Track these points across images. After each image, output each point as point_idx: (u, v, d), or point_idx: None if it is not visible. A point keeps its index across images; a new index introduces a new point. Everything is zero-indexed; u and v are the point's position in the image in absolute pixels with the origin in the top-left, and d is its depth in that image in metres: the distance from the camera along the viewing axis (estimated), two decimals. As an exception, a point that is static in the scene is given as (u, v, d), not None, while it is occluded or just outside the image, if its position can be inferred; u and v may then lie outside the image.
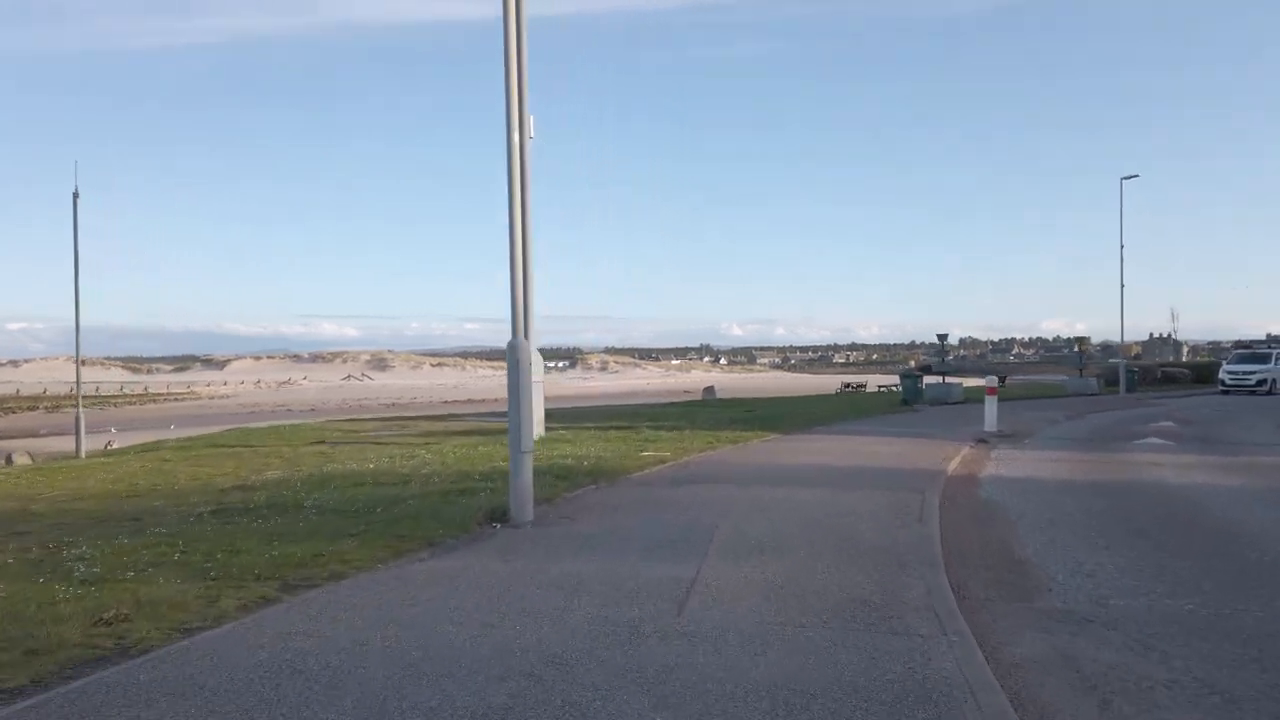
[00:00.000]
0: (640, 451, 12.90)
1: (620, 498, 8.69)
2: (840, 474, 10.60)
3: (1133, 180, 38.40)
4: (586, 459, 11.74)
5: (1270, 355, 39.42)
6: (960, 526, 7.54)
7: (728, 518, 7.37)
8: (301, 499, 8.74)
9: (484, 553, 6.09)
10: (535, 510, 7.80)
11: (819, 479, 10.07)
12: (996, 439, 16.56)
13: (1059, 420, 22.49)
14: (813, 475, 10.44)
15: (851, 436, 16.27)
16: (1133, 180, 38.40)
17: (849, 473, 10.75)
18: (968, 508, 8.62)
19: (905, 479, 10.22)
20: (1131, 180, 38.02)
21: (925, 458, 12.80)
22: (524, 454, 7.35)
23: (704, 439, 15.15)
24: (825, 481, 9.84)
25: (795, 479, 10.01)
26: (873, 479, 10.15)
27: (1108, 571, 5.87)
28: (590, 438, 15.51)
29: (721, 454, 13.07)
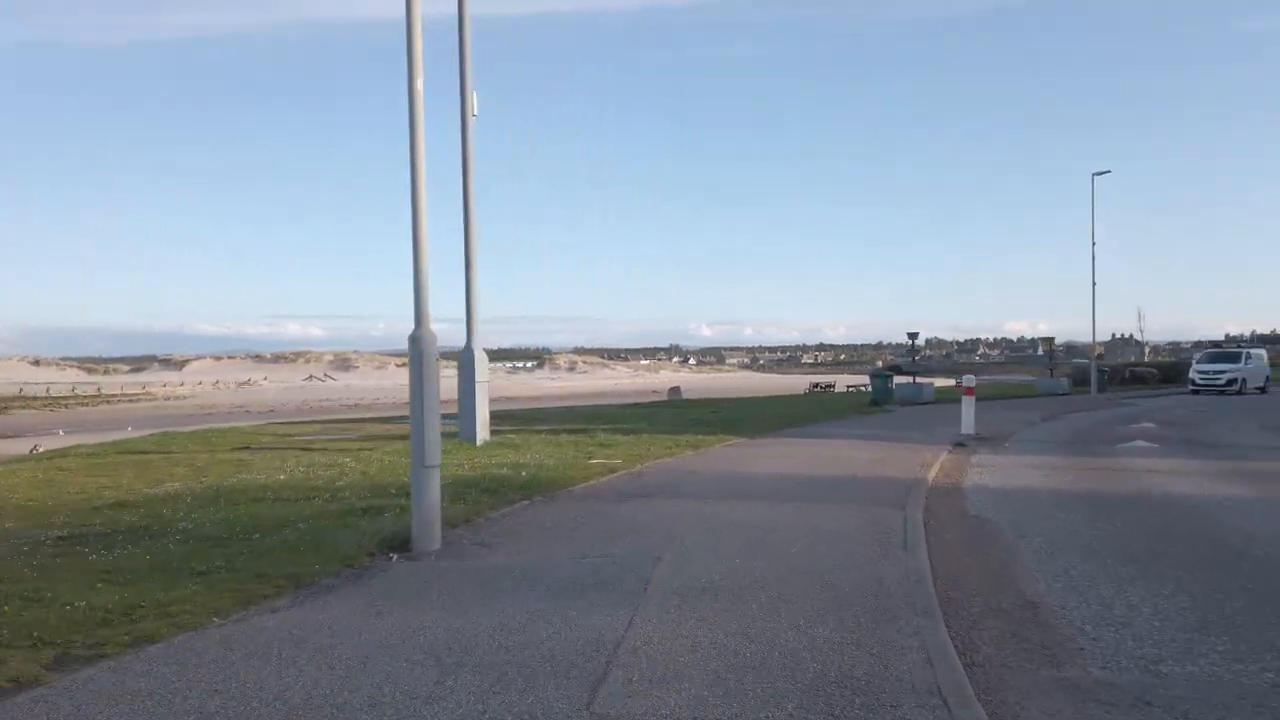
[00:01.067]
0: (589, 459, 11.62)
1: (555, 517, 7.40)
2: (809, 485, 9.39)
3: (1103, 176, 37.78)
4: (527, 468, 10.44)
5: (1240, 355, 39.10)
6: (953, 553, 6.35)
7: (676, 545, 6.12)
8: (178, 520, 7.36)
9: (358, 600, 4.78)
10: (447, 535, 6.50)
11: (785, 492, 8.85)
12: (975, 442, 15.49)
13: (1035, 422, 21.54)
14: (778, 487, 9.23)
15: (821, 440, 15.11)
16: (1103, 176, 37.78)
17: (819, 484, 9.55)
18: (957, 526, 7.44)
19: (882, 490, 9.05)
20: (1103, 176, 37.38)
21: (902, 464, 11.65)
22: (428, 469, 6.04)
23: (663, 444, 13.91)
24: (792, 495, 8.62)
25: (759, 492, 8.78)
26: (846, 491, 8.95)
27: (1144, 617, 4.69)
28: (539, 442, 14.21)
29: (680, 461, 11.83)
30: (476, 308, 14.67)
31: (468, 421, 14.30)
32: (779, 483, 9.60)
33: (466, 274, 14.56)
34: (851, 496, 8.58)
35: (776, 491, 8.87)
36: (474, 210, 14.57)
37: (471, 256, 14.58)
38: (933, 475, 10.84)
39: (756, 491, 8.85)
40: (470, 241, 14.55)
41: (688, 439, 14.71)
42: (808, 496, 8.51)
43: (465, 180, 14.52)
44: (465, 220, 14.53)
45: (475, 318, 14.67)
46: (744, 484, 9.50)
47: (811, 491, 8.87)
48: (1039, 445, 15.23)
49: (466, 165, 14.53)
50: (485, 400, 14.64)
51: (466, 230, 14.54)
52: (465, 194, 14.53)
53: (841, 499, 8.39)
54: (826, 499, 8.37)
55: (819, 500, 8.27)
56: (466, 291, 14.60)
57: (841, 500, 8.30)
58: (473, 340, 14.56)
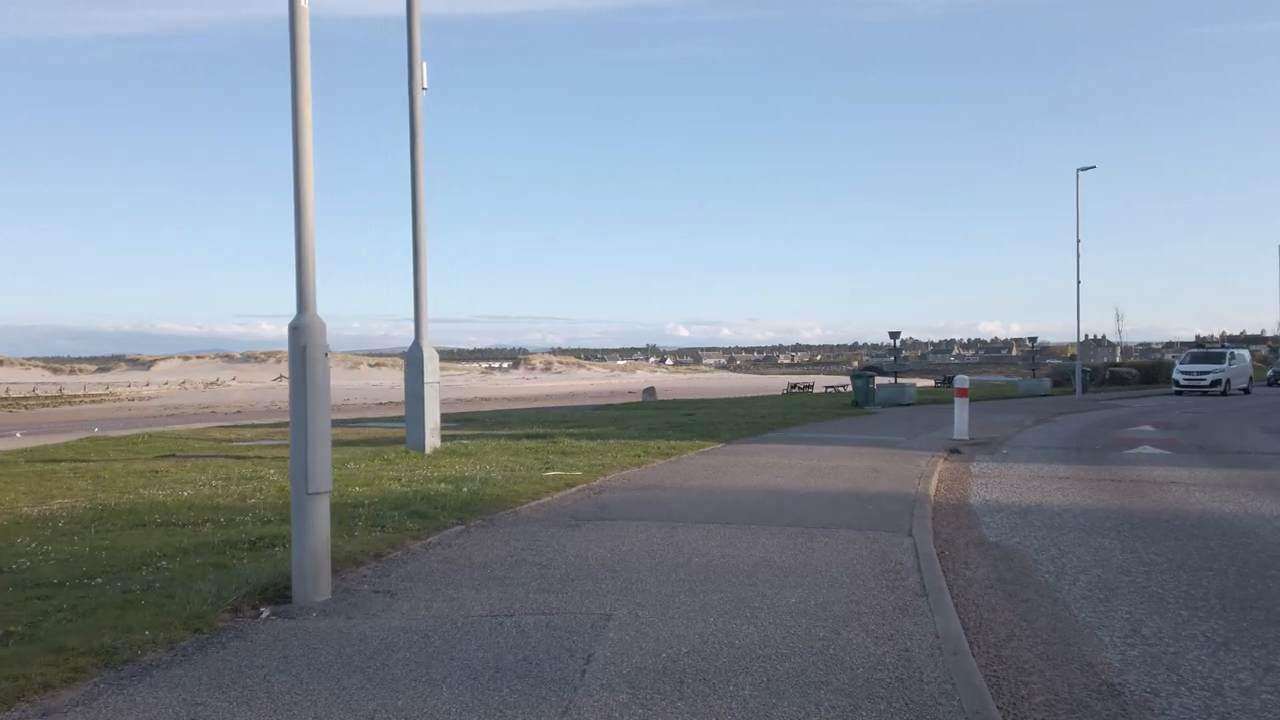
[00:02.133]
0: (547, 469, 10.25)
1: (488, 550, 6.03)
2: (797, 503, 8.08)
3: (1088, 172, 36.87)
4: (472, 482, 9.06)
5: (1224, 355, 38.39)
6: (984, 600, 5.05)
7: (633, 595, 4.77)
8: (22, 553, 5.93)
9: (176, 696, 3.38)
10: (347, 576, 5.13)
11: (770, 512, 7.53)
12: (969, 448, 14.28)
13: (1027, 425, 20.43)
14: (762, 505, 7.91)
15: (805, 446, 13.83)
16: (1088, 172, 36.87)
17: (808, 501, 8.24)
18: (979, 561, 6.15)
19: (882, 509, 7.75)
20: (1088, 172, 36.49)
21: (897, 475, 10.38)
22: (313, 498, 4.65)
23: (631, 451, 12.57)
24: (778, 516, 7.30)
25: (738, 513, 7.46)
26: (841, 511, 7.65)
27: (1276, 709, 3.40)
28: (494, 450, 12.82)
29: (648, 472, 10.49)
30: (426, 301, 13.27)
31: (415, 427, 12.89)
32: (762, 500, 8.28)
33: (415, 263, 13.16)
34: (848, 518, 7.28)
35: (759, 512, 7.55)
36: (423, 192, 13.17)
37: (420, 243, 13.17)
38: (934, 489, 9.58)
39: (736, 512, 7.53)
40: (419, 227, 13.14)
41: (659, 445, 13.38)
42: (797, 519, 7.20)
43: (414, 159, 13.12)
44: (414, 203, 13.12)
45: (425, 312, 13.27)
46: (721, 502, 8.17)
47: (800, 511, 7.57)
48: (1039, 452, 14.04)
49: (415, 143, 13.12)
50: (436, 403, 13.23)
51: (415, 214, 13.13)
52: (414, 174, 13.12)
53: (836, 522, 7.08)
54: (819, 522, 7.06)
55: (810, 524, 6.97)
56: (415, 283, 13.19)
57: (837, 524, 6.99)
58: (421, 337, 13.16)
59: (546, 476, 9.62)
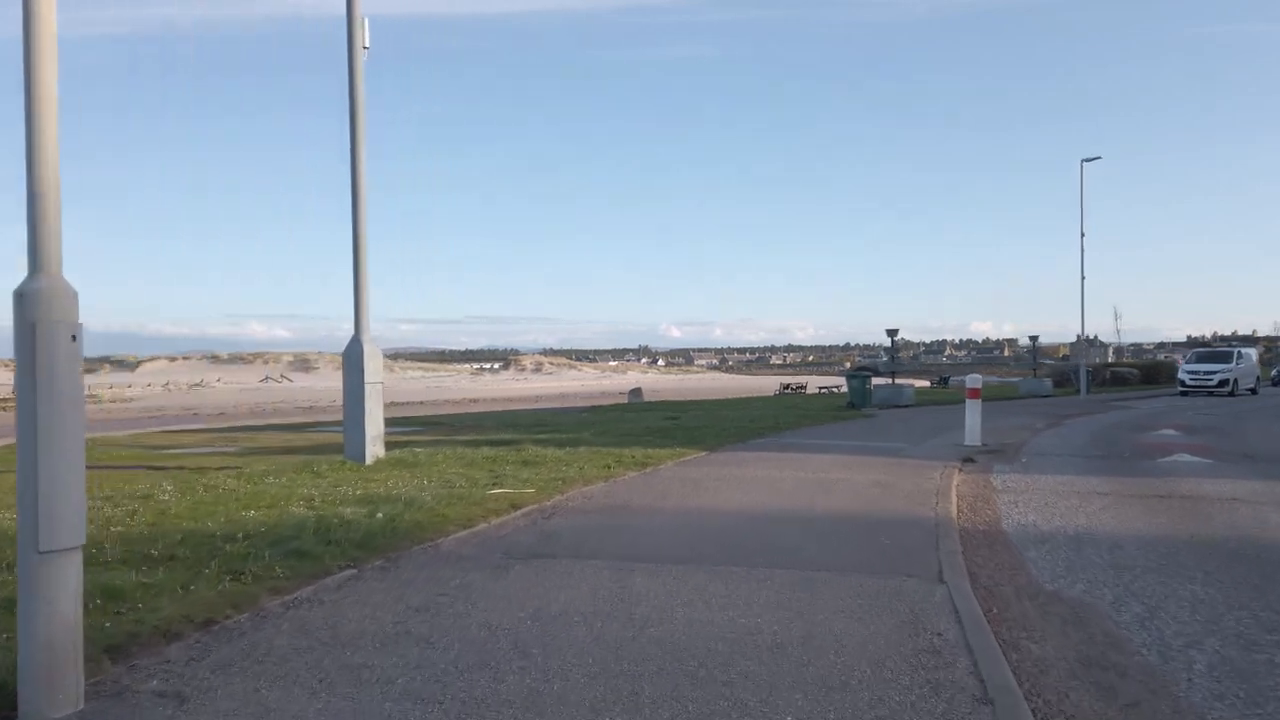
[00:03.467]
0: (495, 485, 8.60)
1: (366, 613, 4.39)
2: (792, 531, 6.47)
3: (1092, 163, 35.38)
4: (395, 503, 7.41)
5: (1231, 355, 36.99)
6: (1077, 712, 3.43)
7: (540, 714, 3.15)
8: None
9: None
10: (133, 665, 3.49)
11: (757, 546, 5.91)
12: (984, 456, 12.70)
13: (1039, 428, 18.85)
14: (747, 536, 6.29)
15: (800, 455, 12.22)
16: (1092, 163, 35.38)
17: (805, 527, 6.63)
18: (1043, 625, 4.52)
19: (899, 540, 6.15)
20: (1092, 163, 35.01)
21: (909, 491, 8.78)
22: (49, 558, 3.00)
23: (603, 460, 10.94)
24: (768, 552, 5.68)
25: (718, 547, 5.84)
26: (847, 542, 6.04)
27: None
28: (445, 460, 11.17)
29: (615, 488, 8.86)
30: (367, 290, 11.61)
31: (354, 434, 11.22)
32: (749, 526, 6.66)
33: (355, 246, 11.50)
34: (857, 555, 5.66)
35: (745, 545, 5.93)
36: (364, 166, 11.51)
37: (361, 225, 11.52)
38: (955, 509, 7.97)
39: (715, 545, 5.91)
40: (359, 206, 11.49)
41: (635, 453, 11.76)
42: (792, 555, 5.59)
43: (354, 130, 11.45)
44: (353, 179, 11.47)
45: (365, 303, 11.60)
46: (698, 530, 6.55)
47: (797, 544, 5.95)
48: (1063, 461, 12.45)
49: (355, 111, 11.46)
50: (379, 406, 11.56)
51: (355, 191, 11.47)
52: (353, 147, 11.46)
53: (844, 560, 5.46)
54: (822, 560, 5.45)
55: (810, 564, 5.35)
56: (354, 269, 11.54)
57: (844, 564, 5.38)
58: (361, 332, 11.49)
59: (490, 495, 7.98)
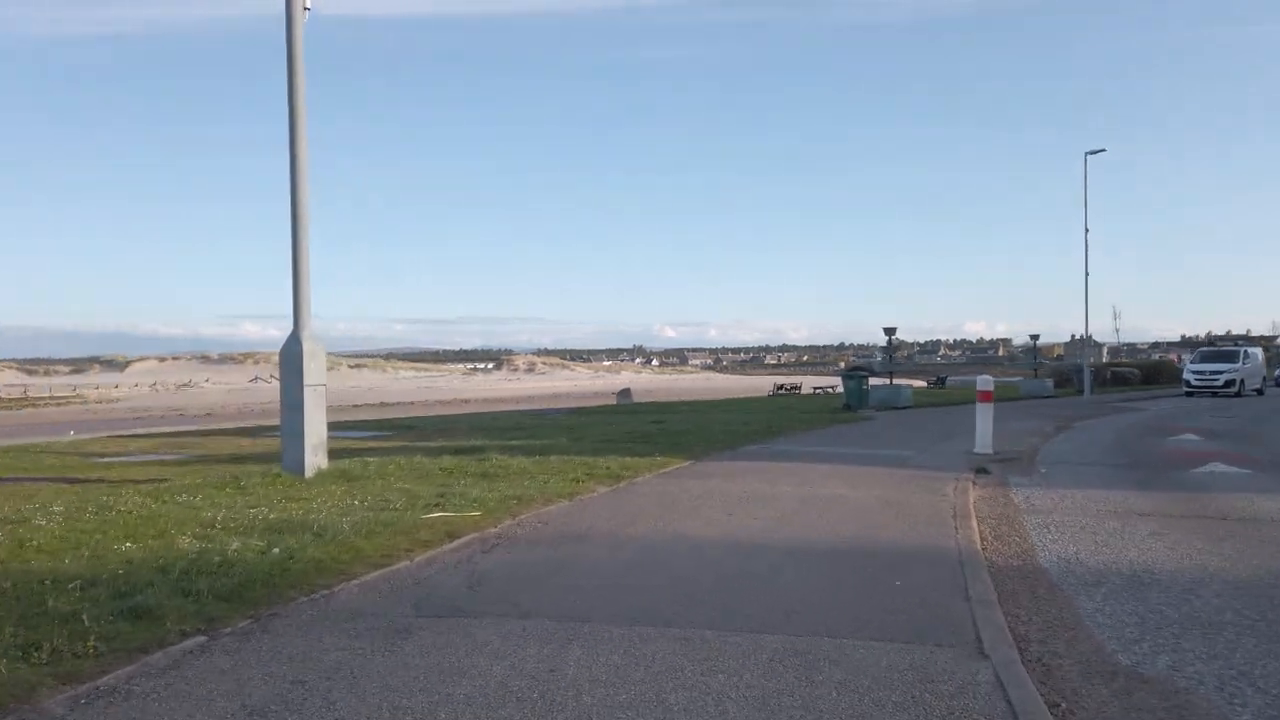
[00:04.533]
0: (435, 506, 7.30)
1: (192, 713, 3.12)
2: (783, 573, 5.20)
3: (1096, 156, 34.20)
4: (306, 531, 6.12)
5: (1237, 354, 35.86)
6: None
7: None
8: None
9: None
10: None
11: (739, 598, 4.64)
12: (997, 465, 11.46)
13: (1049, 433, 17.64)
14: (727, 582, 5.02)
15: (795, 465, 10.97)
16: (1096, 156, 34.20)
17: (800, 567, 5.36)
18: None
19: (917, 585, 4.89)
20: (1097, 155, 33.85)
21: (922, 512, 7.53)
22: None
23: (572, 472, 9.69)
24: (751, 608, 4.42)
25: (689, 600, 4.56)
26: (852, 591, 4.78)
27: None
28: (395, 472, 9.89)
29: (579, 510, 7.59)
30: (308, 280, 10.29)
31: (293, 444, 9.90)
32: (731, 566, 5.40)
33: (294, 228, 10.19)
34: (868, 610, 4.40)
35: (724, 596, 4.66)
36: (304, 136, 10.21)
37: (301, 204, 10.20)
38: (980, 539, 6.70)
39: (685, 598, 4.63)
40: (299, 182, 10.18)
41: (610, 464, 10.49)
42: (784, 614, 4.32)
43: (292, 96, 10.15)
44: (292, 151, 10.16)
45: (306, 295, 10.28)
46: (668, 571, 5.27)
47: (790, 595, 4.69)
48: (1085, 471, 11.22)
49: (294, 76, 10.16)
50: (321, 412, 10.23)
51: (294, 165, 10.17)
52: (292, 115, 10.16)
53: (851, 619, 4.20)
54: (822, 621, 4.18)
55: (808, 626, 4.09)
56: (294, 255, 10.23)
57: (852, 625, 4.11)
58: (301, 328, 10.16)
59: (425, 521, 6.69)
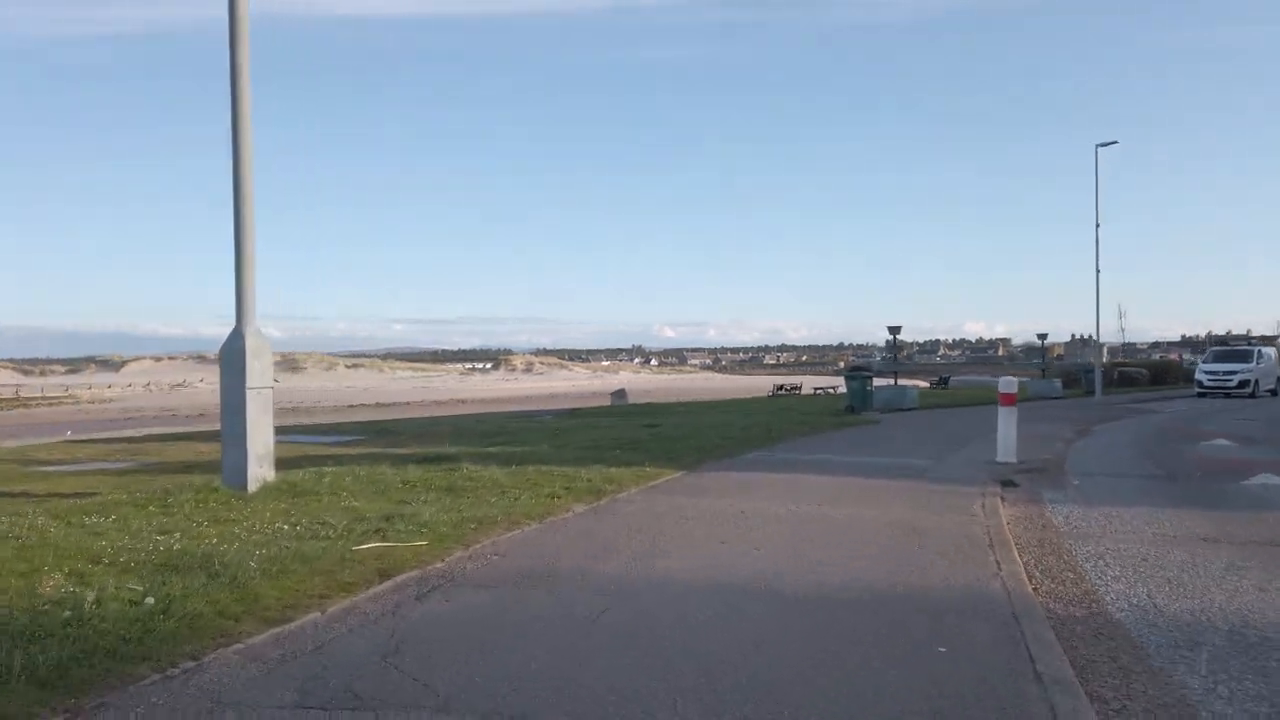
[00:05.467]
0: (374, 533, 6.14)
1: None
2: (792, 637, 4.05)
3: (1107, 149, 33.03)
4: (202, 570, 4.96)
5: (1251, 354, 34.69)
6: None
7: None
8: None
9: None
10: None
11: (731, 680, 3.49)
12: (1024, 476, 10.33)
13: (1069, 438, 16.48)
14: (717, 648, 3.87)
15: (798, 476, 9.82)
16: (1107, 149, 33.03)
17: (810, 623, 4.21)
18: None
19: (965, 655, 3.74)
20: (1109, 148, 32.68)
21: (951, 540, 6.38)
22: None
23: (549, 486, 8.55)
24: (749, 699, 3.28)
25: (664, 685, 3.42)
26: (880, 663, 3.63)
27: None
28: (352, 485, 8.72)
29: (547, 535, 6.43)
30: (253, 266, 9.12)
31: (234, 454, 8.73)
32: (722, 627, 4.25)
33: (236, 212, 9.02)
34: (905, 698, 3.25)
35: (706, 682, 3.52)
36: (247, 108, 9.05)
37: (244, 186, 9.04)
38: (1027, 574, 5.56)
39: (662, 679, 3.49)
40: (241, 159, 9.02)
41: (593, 475, 9.35)
42: (792, 707, 3.18)
43: (234, 60, 8.97)
44: (234, 125, 9.00)
45: (251, 283, 9.09)
46: (641, 634, 4.12)
47: (798, 676, 3.55)
48: (1122, 484, 10.08)
49: (237, 38, 9.00)
50: (267, 417, 9.06)
51: (236, 141, 8.99)
52: (235, 83, 9.00)
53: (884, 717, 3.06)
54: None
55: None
56: (236, 242, 9.05)
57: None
58: (245, 323, 8.98)
59: (356, 554, 5.53)
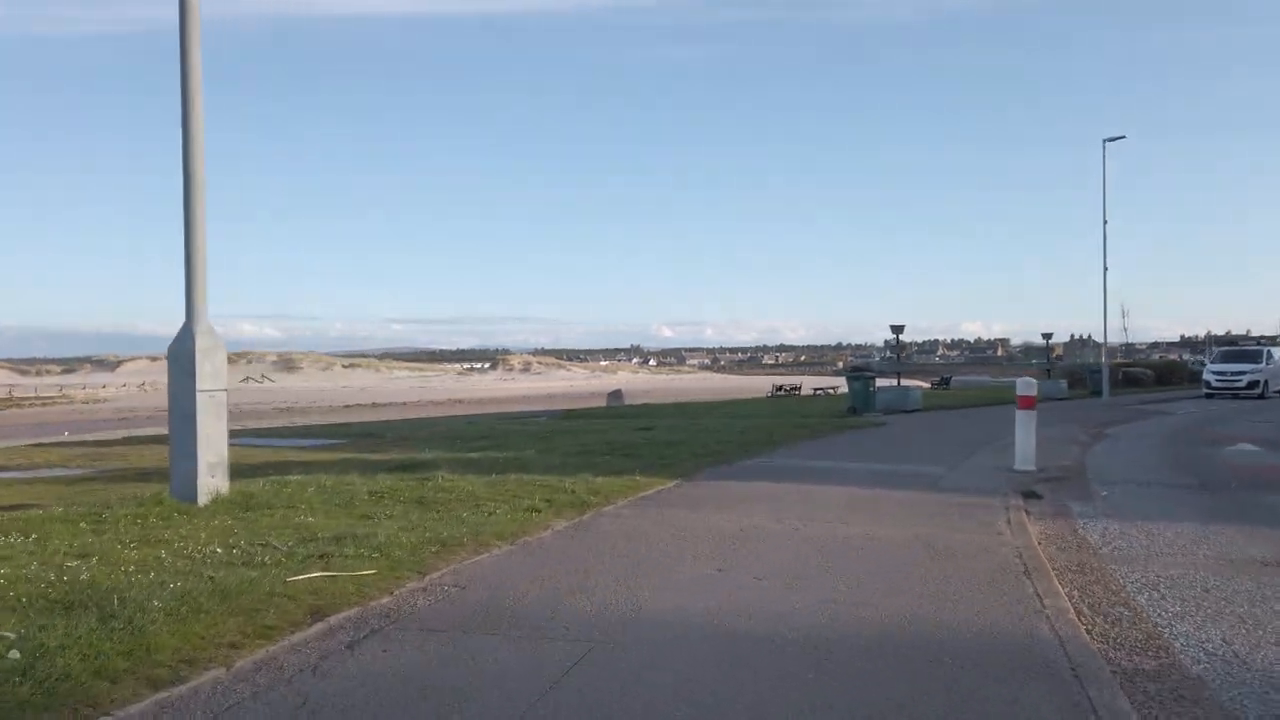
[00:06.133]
0: (307, 566, 5.30)
1: None
2: (798, 703, 3.25)
3: (1115, 143, 32.23)
4: (106, 603, 4.13)
5: (1260, 354, 33.89)
6: None
7: None
8: None
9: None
10: None
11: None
12: (1046, 486, 9.53)
13: (1085, 441, 15.70)
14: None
15: (803, 487, 9.01)
16: (1115, 143, 32.23)
17: (827, 686, 3.40)
18: None
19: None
20: (1116, 143, 31.88)
21: (980, 565, 5.57)
22: None
23: (529, 498, 7.74)
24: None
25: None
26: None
27: None
28: (313, 497, 7.90)
29: (519, 560, 5.61)
30: (204, 256, 8.30)
31: (183, 463, 7.91)
32: (718, 692, 3.44)
33: (186, 197, 8.21)
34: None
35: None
36: (198, 80, 8.24)
37: (194, 168, 8.23)
38: (1075, 610, 4.74)
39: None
40: (192, 137, 8.21)
41: (578, 485, 8.54)
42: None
43: (184, 31, 8.18)
44: (184, 101, 8.19)
45: (202, 279, 8.27)
46: (613, 707, 3.31)
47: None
48: (1153, 495, 9.27)
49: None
50: (220, 423, 8.24)
51: (186, 118, 8.19)
52: (184, 52, 8.19)
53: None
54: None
55: None
56: (186, 229, 8.23)
57: None
58: (196, 319, 8.15)
59: (289, 587, 4.71)
